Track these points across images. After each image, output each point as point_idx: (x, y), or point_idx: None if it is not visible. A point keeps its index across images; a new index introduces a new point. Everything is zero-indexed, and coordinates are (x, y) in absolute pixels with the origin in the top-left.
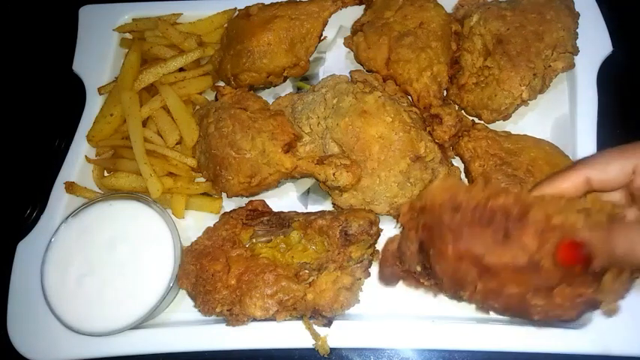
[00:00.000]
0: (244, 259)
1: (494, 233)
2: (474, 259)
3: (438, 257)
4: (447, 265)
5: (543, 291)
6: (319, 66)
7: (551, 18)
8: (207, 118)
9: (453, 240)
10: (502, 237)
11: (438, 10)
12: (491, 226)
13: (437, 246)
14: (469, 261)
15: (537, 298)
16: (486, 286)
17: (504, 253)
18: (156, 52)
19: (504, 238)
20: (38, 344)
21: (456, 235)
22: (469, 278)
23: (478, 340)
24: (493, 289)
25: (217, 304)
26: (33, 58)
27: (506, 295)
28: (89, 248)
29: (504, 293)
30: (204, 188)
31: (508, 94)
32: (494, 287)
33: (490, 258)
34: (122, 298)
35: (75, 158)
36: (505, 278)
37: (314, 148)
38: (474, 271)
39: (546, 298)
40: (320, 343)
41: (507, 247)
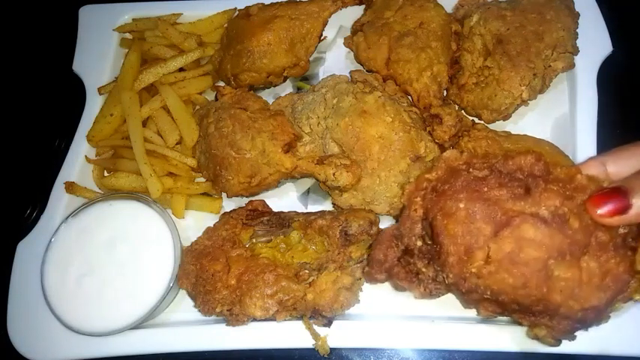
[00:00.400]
0: (244, 259)
1: (513, 189)
2: (488, 214)
3: (445, 220)
4: (455, 227)
5: (568, 258)
6: (319, 66)
7: (551, 18)
8: (207, 118)
9: (467, 197)
10: (522, 192)
11: (438, 10)
12: (511, 182)
13: (446, 208)
14: (483, 218)
15: (561, 268)
16: (501, 248)
17: (524, 205)
18: (156, 52)
19: (525, 194)
20: (38, 344)
21: (470, 191)
22: (481, 240)
23: (478, 340)
24: (509, 253)
25: (217, 304)
26: (33, 58)
27: (524, 261)
28: (89, 248)
29: (522, 259)
30: (204, 188)
31: (508, 94)
32: (511, 250)
33: (508, 208)
34: (122, 298)
35: (75, 158)
36: (525, 236)
37: (314, 148)
38: (488, 229)
39: (571, 268)
40: (320, 343)
41: (528, 200)
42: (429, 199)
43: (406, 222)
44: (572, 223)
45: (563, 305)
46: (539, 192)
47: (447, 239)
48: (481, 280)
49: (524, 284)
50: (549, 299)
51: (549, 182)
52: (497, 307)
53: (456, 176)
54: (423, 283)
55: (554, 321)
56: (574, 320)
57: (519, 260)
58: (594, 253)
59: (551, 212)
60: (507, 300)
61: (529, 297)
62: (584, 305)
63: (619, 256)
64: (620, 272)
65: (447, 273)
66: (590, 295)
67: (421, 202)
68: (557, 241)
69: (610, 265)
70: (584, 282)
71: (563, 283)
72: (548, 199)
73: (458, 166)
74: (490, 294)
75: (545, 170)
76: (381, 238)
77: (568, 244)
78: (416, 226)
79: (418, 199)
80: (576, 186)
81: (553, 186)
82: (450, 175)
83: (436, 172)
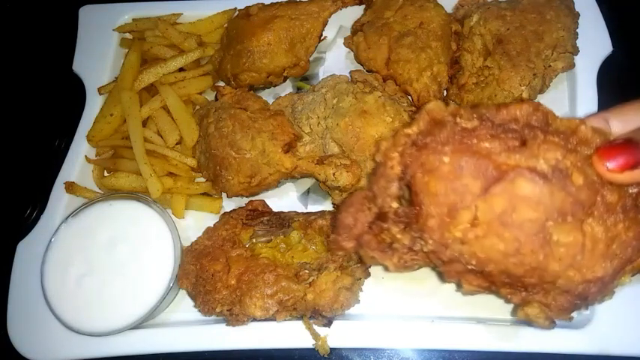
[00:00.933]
0: (244, 259)
1: (507, 140)
2: (477, 168)
3: (427, 177)
4: (437, 184)
5: (570, 220)
6: (319, 66)
7: (551, 18)
8: (207, 118)
9: (453, 149)
10: (518, 144)
11: (438, 10)
12: (504, 134)
13: (427, 163)
14: (471, 173)
15: (561, 231)
16: (491, 207)
17: (520, 158)
18: (156, 52)
19: (521, 146)
20: (38, 344)
21: (456, 143)
22: (468, 198)
23: (478, 340)
24: (500, 214)
25: (217, 304)
26: (33, 58)
27: (517, 223)
28: (89, 248)
29: (516, 220)
30: (204, 188)
31: (508, 94)
32: (503, 210)
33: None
34: (122, 298)
35: (75, 158)
36: (519, 192)
37: (314, 148)
38: (476, 185)
39: (573, 232)
40: (320, 343)
41: (524, 152)
42: (408, 154)
43: (380, 180)
44: (576, 179)
45: (561, 276)
46: (538, 144)
47: (428, 198)
48: (466, 247)
49: (517, 250)
50: (546, 268)
51: (549, 134)
52: (484, 280)
53: (440, 128)
54: (397, 253)
55: (550, 297)
56: (573, 295)
57: (512, 222)
58: (600, 215)
59: (551, 166)
60: (496, 270)
61: (522, 266)
62: (587, 276)
63: (628, 219)
64: (630, 238)
65: (426, 239)
66: (594, 264)
67: (399, 157)
68: (557, 200)
69: (618, 230)
70: (588, 249)
71: (563, 250)
72: (548, 151)
73: (443, 118)
74: (476, 263)
75: (544, 121)
76: (350, 200)
77: (570, 203)
78: (391, 185)
79: (395, 155)
80: (580, 138)
81: (553, 137)
82: (433, 127)
83: (417, 126)
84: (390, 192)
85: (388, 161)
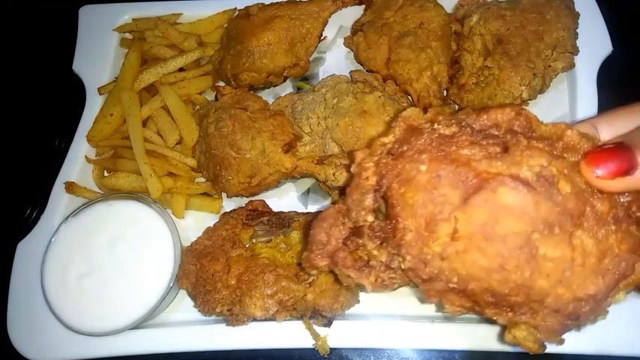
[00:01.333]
0: (244, 259)
1: (488, 147)
2: (457, 177)
3: (403, 187)
4: (414, 195)
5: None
6: (319, 66)
7: (551, 18)
8: (207, 118)
9: (430, 157)
10: (500, 151)
11: (438, 10)
12: (485, 140)
13: (403, 173)
14: (450, 182)
15: (548, 244)
16: (471, 219)
17: (502, 165)
18: (156, 52)
19: (502, 152)
20: (38, 344)
21: (434, 151)
22: (446, 210)
23: (478, 340)
24: (482, 226)
25: (217, 304)
26: (33, 58)
27: (500, 235)
28: (89, 248)
29: (498, 233)
30: (204, 188)
31: (508, 94)
32: (484, 222)
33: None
34: (122, 298)
35: (75, 158)
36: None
37: (314, 148)
38: (455, 196)
39: (561, 245)
40: (320, 343)
41: (507, 159)
42: (383, 163)
43: (354, 193)
44: (563, 188)
45: (550, 293)
46: (521, 150)
47: (404, 211)
48: (446, 263)
49: (501, 266)
50: (533, 286)
51: (532, 139)
52: (466, 299)
53: (417, 135)
54: (374, 271)
55: (539, 317)
56: (564, 314)
57: (495, 235)
58: (590, 226)
59: (536, 174)
60: (479, 289)
61: (507, 283)
62: (578, 294)
63: (621, 231)
64: (623, 251)
65: (404, 255)
66: (585, 281)
67: (374, 167)
68: (543, 210)
69: (610, 243)
70: (578, 263)
71: (551, 265)
72: (532, 157)
73: (419, 125)
74: (457, 281)
75: (528, 126)
76: (323, 214)
77: (557, 213)
78: (366, 198)
79: (370, 165)
80: (566, 144)
81: (537, 143)
82: (410, 134)
83: (393, 134)
84: (364, 205)
85: (362, 172)
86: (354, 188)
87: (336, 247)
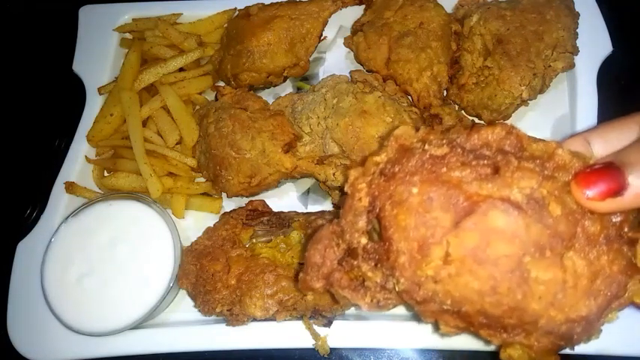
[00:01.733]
0: (244, 259)
1: (479, 168)
2: (448, 200)
3: (395, 209)
4: (407, 218)
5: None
6: (319, 66)
7: (551, 18)
8: (207, 118)
9: (422, 179)
10: (490, 172)
11: (438, 10)
12: (475, 161)
13: (396, 194)
14: (441, 205)
15: (539, 267)
16: (463, 243)
17: (493, 187)
18: (156, 52)
19: (493, 174)
20: (38, 344)
21: (425, 173)
22: (438, 233)
23: (478, 340)
24: (473, 249)
25: (217, 304)
26: (33, 58)
27: (492, 259)
28: (89, 248)
29: (490, 256)
30: (204, 188)
31: (508, 94)
32: (476, 245)
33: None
34: (122, 298)
35: (75, 158)
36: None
37: (314, 148)
38: (447, 219)
39: (552, 267)
40: (320, 343)
41: (497, 181)
42: (375, 184)
43: (348, 214)
44: (553, 210)
45: (543, 315)
46: (511, 171)
47: (397, 233)
48: (439, 286)
49: (493, 289)
50: (525, 308)
51: (523, 159)
52: (461, 320)
53: (408, 156)
54: (369, 291)
55: (532, 338)
56: (557, 336)
57: (486, 258)
58: (581, 247)
59: (526, 195)
60: (472, 311)
61: (500, 306)
62: (570, 315)
63: (613, 251)
64: (615, 272)
65: (398, 277)
66: (578, 302)
67: (367, 188)
68: (534, 233)
69: (601, 263)
70: (570, 285)
71: (543, 288)
72: (522, 179)
73: (412, 145)
74: (451, 303)
75: (518, 145)
76: (318, 236)
77: (548, 236)
78: (360, 219)
79: (363, 186)
80: (557, 163)
81: (528, 164)
82: (402, 155)
83: (385, 153)
84: (357, 227)
85: (356, 193)
86: (348, 210)
87: (331, 269)
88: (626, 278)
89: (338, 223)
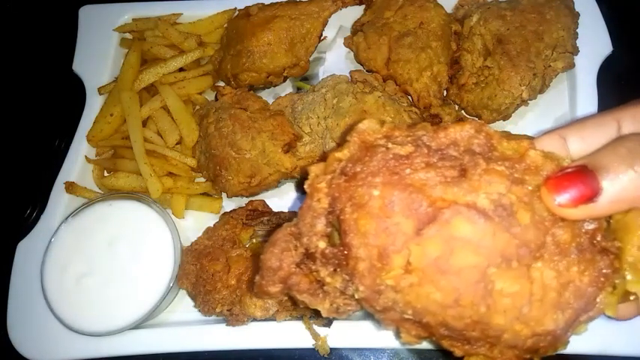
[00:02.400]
0: (244, 259)
1: (444, 170)
2: (410, 205)
3: (355, 213)
4: (367, 223)
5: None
6: (319, 66)
7: (551, 18)
8: (207, 118)
9: (384, 181)
10: (456, 174)
11: (438, 10)
12: (441, 162)
13: (356, 196)
14: (403, 210)
15: (505, 279)
16: (425, 252)
17: (458, 192)
18: (156, 52)
19: (459, 177)
20: (38, 344)
21: (387, 174)
22: (399, 241)
23: None
24: (436, 259)
25: (217, 304)
26: (33, 58)
27: (455, 269)
28: (89, 248)
29: (453, 266)
30: (204, 188)
31: (508, 94)
32: (438, 254)
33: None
34: (122, 298)
35: (75, 158)
36: (456, 234)
37: (314, 148)
38: (409, 225)
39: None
40: (320, 343)
41: (463, 185)
42: (336, 184)
43: (306, 216)
44: (522, 217)
45: (507, 330)
46: (478, 174)
47: (357, 239)
48: (400, 295)
49: (456, 301)
50: (489, 322)
51: (492, 161)
52: (423, 330)
53: (371, 154)
54: (329, 296)
55: (496, 350)
56: (522, 349)
57: (449, 268)
58: (550, 258)
59: (494, 201)
60: (434, 322)
61: (462, 319)
62: (536, 330)
63: (584, 261)
64: (585, 285)
65: (357, 285)
66: (544, 317)
67: (327, 189)
68: (500, 242)
69: (571, 275)
70: (537, 298)
71: (508, 301)
72: (490, 183)
73: (375, 141)
74: (412, 314)
75: (488, 145)
76: (274, 238)
77: (515, 246)
78: (318, 222)
79: (323, 185)
80: (528, 165)
81: (497, 166)
82: (364, 153)
83: (348, 149)
84: (316, 230)
85: (315, 193)
86: (306, 210)
87: (288, 273)
88: (596, 290)
89: (296, 224)
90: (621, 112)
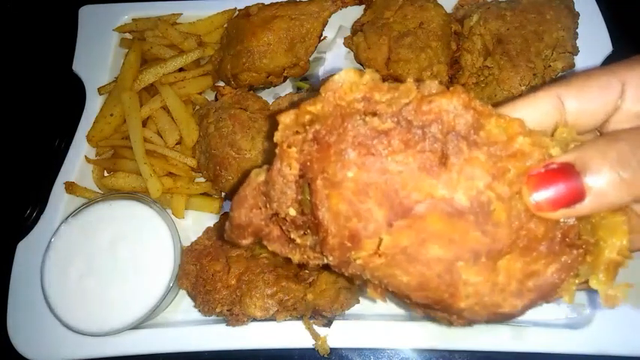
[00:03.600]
0: (244, 259)
1: (424, 154)
2: (385, 193)
3: (327, 190)
4: (339, 203)
5: (483, 260)
6: (319, 66)
7: (551, 18)
8: (207, 118)
9: (358, 162)
10: (436, 161)
11: (438, 10)
12: (421, 144)
13: (329, 172)
14: (377, 197)
15: (471, 272)
16: (396, 242)
17: (436, 185)
18: (156, 52)
19: (439, 164)
20: (38, 344)
21: (363, 153)
22: (371, 228)
23: (478, 340)
24: (405, 247)
25: (217, 304)
26: (33, 58)
27: (424, 260)
28: (89, 248)
29: (422, 257)
30: (204, 188)
31: (508, 94)
32: (409, 244)
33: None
34: (122, 298)
35: (75, 158)
36: (429, 229)
37: None
38: (381, 215)
39: (485, 272)
40: (320, 343)
41: (442, 177)
42: (307, 151)
43: (277, 180)
44: (498, 216)
45: (467, 309)
46: (459, 165)
47: (329, 214)
48: (367, 271)
49: (421, 285)
50: (451, 305)
51: (476, 146)
52: (388, 293)
53: (346, 124)
54: (299, 249)
55: (454, 317)
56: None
57: (418, 258)
58: (520, 251)
59: (471, 198)
60: (399, 294)
61: (426, 299)
62: (493, 311)
63: (552, 254)
64: (548, 275)
65: (327, 254)
66: (503, 302)
67: (297, 154)
68: (472, 240)
69: (538, 267)
70: (499, 287)
71: (471, 289)
72: (469, 178)
73: (352, 103)
74: (379, 284)
75: (475, 124)
76: (242, 195)
77: (487, 244)
78: (288, 189)
79: (293, 150)
80: (514, 152)
81: (480, 153)
82: (338, 121)
83: (321, 105)
84: (287, 196)
85: (284, 156)
86: (276, 175)
87: (257, 228)
88: (558, 281)
89: (265, 182)
90: (627, 72)
